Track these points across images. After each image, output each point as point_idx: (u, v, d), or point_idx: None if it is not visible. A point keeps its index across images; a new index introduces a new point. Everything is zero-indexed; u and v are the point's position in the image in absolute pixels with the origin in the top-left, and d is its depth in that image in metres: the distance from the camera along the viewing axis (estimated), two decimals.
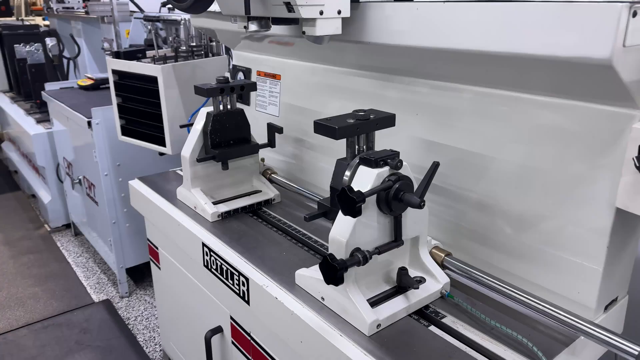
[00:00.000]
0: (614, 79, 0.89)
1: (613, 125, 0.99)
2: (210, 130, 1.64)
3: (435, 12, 1.12)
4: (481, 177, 1.29)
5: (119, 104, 2.34)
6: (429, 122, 1.38)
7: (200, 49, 2.34)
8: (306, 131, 1.85)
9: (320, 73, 1.73)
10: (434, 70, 1.32)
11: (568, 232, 1.13)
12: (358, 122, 1.13)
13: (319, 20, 1.15)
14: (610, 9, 0.82)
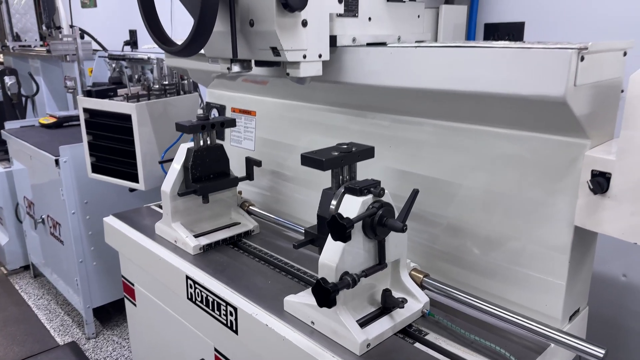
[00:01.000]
0: (567, 113, 1.03)
1: (568, 153, 1.13)
2: (191, 165, 1.69)
3: (408, 56, 1.25)
4: (450, 202, 1.41)
5: (90, 142, 2.35)
6: (401, 153, 1.49)
7: (172, 87, 2.40)
8: (281, 164, 1.93)
9: (295, 109, 1.83)
10: (404, 107, 1.45)
11: (532, 251, 1.25)
12: (342, 155, 1.23)
13: (302, 63, 1.25)
14: (562, 54, 0.96)
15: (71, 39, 3.34)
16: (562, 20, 1.72)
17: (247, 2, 1.21)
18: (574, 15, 1.69)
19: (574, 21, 1.70)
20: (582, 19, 1.68)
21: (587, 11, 1.66)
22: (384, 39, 1.49)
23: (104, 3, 4.45)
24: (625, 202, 1.01)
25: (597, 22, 1.65)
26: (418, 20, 1.62)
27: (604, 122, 1.16)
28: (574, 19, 1.70)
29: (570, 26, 1.71)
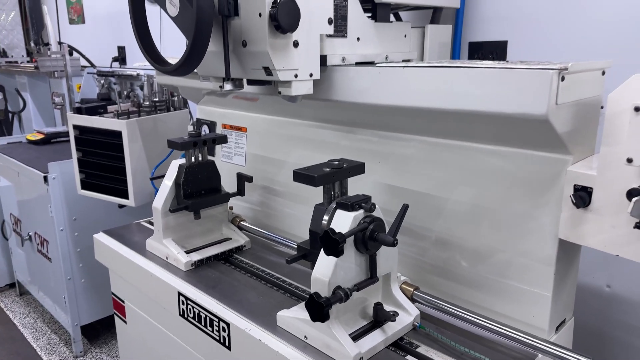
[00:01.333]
0: (550, 130, 1.07)
1: (551, 168, 1.17)
2: (183, 181, 1.71)
3: (396, 75, 1.29)
4: (438, 216, 1.44)
5: (79, 158, 2.35)
6: (390, 169, 1.53)
7: (162, 104, 2.42)
8: (271, 179, 1.95)
9: (285, 126, 1.86)
10: (393, 124, 1.48)
11: (519, 263, 1.29)
12: (333, 171, 1.25)
13: (293, 82, 1.28)
14: (544, 75, 1.00)
15: (59, 55, 3.34)
16: (544, 39, 1.79)
17: (239, 23, 1.24)
18: (555, 35, 1.76)
19: (555, 40, 1.76)
20: (563, 38, 1.74)
21: (567, 31, 1.73)
22: (372, 58, 1.53)
23: (93, 19, 4.47)
24: (607, 215, 1.05)
25: (577, 41, 1.71)
26: (405, 39, 1.66)
27: (585, 138, 1.20)
28: (555, 38, 1.76)
29: (551, 45, 1.77)
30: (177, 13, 1.24)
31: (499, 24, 1.88)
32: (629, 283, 1.73)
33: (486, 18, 1.92)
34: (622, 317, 1.77)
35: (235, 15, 1.24)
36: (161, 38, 3.56)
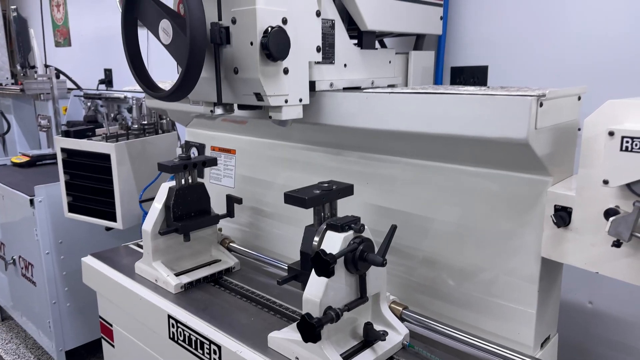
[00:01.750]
0: (530, 153, 1.12)
1: (532, 189, 1.22)
2: (173, 204, 1.72)
3: (382, 100, 1.33)
4: (425, 236, 1.48)
5: (67, 181, 2.35)
6: (378, 189, 1.57)
7: (151, 127, 2.44)
8: (260, 200, 1.98)
9: (274, 148, 1.89)
10: (379, 146, 1.53)
11: (504, 281, 1.33)
12: (323, 193, 1.29)
13: (284, 107, 1.32)
14: (523, 101, 1.06)
15: (46, 78, 3.35)
16: (522, 64, 1.86)
17: (231, 51, 1.28)
18: (533, 60, 1.83)
19: (533, 65, 1.84)
20: (540, 63, 1.82)
21: (544, 56, 1.81)
22: (359, 83, 1.58)
23: (79, 42, 4.49)
24: (586, 234, 1.10)
25: (554, 66, 1.79)
26: (389, 65, 1.72)
27: (564, 160, 1.26)
28: (533, 63, 1.84)
29: (530, 70, 1.84)
30: (170, 41, 1.27)
31: (479, 50, 1.96)
32: (610, 299, 1.78)
33: (467, 44, 1.99)
34: (604, 333, 1.81)
35: (226, 43, 1.28)
36: (148, 61, 3.59)
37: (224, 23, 1.28)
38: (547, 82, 1.81)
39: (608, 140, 0.96)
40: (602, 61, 1.68)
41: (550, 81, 1.80)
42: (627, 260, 1.05)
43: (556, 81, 1.79)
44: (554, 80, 1.79)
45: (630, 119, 0.99)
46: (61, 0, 4.54)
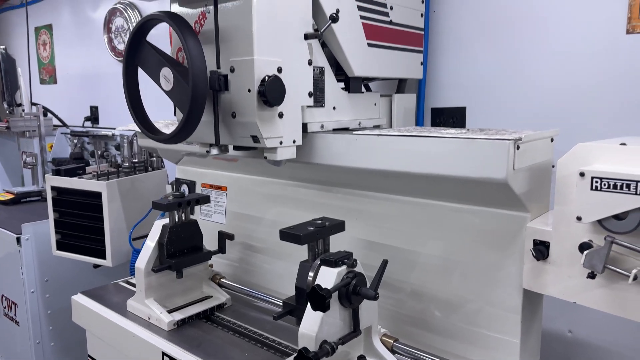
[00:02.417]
0: (509, 192, 1.21)
1: (512, 224, 1.31)
2: (167, 241, 1.76)
3: (370, 142, 1.42)
4: (413, 269, 1.55)
5: (56, 219, 2.36)
6: (366, 225, 1.64)
7: (141, 164, 2.48)
8: (250, 236, 2.03)
9: (265, 185, 1.96)
10: (368, 184, 1.61)
11: (488, 312, 1.40)
12: (317, 229, 1.35)
13: (279, 148, 1.40)
14: (502, 145, 1.15)
15: (33, 116, 3.38)
16: (497, 106, 1.99)
17: (229, 97, 1.36)
18: (508, 101, 1.96)
19: (508, 107, 1.96)
20: (515, 105, 1.95)
21: (518, 99, 1.94)
22: (347, 124, 1.68)
23: (65, 80, 4.54)
24: (563, 266, 1.18)
25: (527, 107, 1.92)
26: (375, 107, 1.82)
27: (540, 196, 1.36)
28: (508, 104, 1.96)
29: (504, 111, 1.97)
30: (171, 88, 1.35)
31: (457, 92, 2.08)
32: (588, 328, 1.86)
33: (446, 87, 2.12)
34: None
35: (225, 90, 1.36)
36: None
37: (223, 71, 1.36)
38: (521, 122, 1.93)
39: (579, 180, 1.06)
40: (570, 102, 1.81)
41: (524, 121, 1.93)
42: (601, 291, 1.13)
43: (529, 120, 1.91)
44: (527, 120, 1.92)
45: (598, 160, 1.09)
46: (47, 39, 4.61)
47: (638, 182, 0.98)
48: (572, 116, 1.81)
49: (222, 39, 1.36)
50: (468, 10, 2.02)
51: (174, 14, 1.33)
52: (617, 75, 1.70)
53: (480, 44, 2.01)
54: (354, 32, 1.61)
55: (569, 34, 1.79)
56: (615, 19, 1.68)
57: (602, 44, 1.72)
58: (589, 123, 1.78)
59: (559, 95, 1.84)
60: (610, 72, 1.72)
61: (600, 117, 1.76)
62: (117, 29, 3.69)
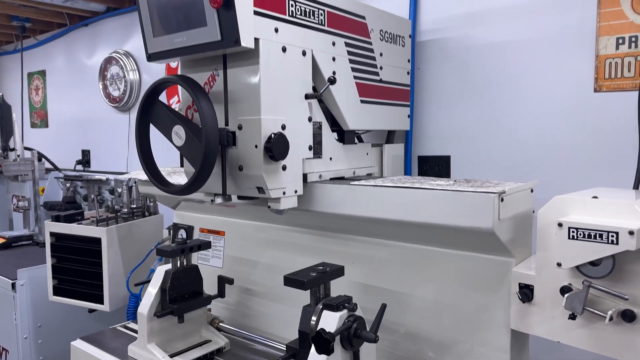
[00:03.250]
0: (495, 240, 1.33)
1: (498, 269, 1.42)
2: (169, 287, 1.82)
3: (367, 192, 1.54)
4: (406, 311, 1.64)
5: (53, 265, 2.39)
6: (362, 269, 1.73)
7: (139, 210, 2.55)
8: (248, 279, 2.10)
9: (264, 230, 2.04)
10: (362, 230, 1.72)
11: (479, 352, 1.49)
12: (319, 275, 1.44)
13: (282, 198, 1.50)
14: (487, 197, 1.28)
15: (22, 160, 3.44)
16: (480, 155, 2.14)
17: (236, 152, 1.47)
18: (490, 151, 2.11)
19: (490, 156, 2.12)
20: (494, 156, 2.10)
21: (499, 149, 2.09)
22: (343, 173, 1.80)
23: (57, 124, 4.61)
24: (547, 308, 1.29)
25: (507, 157, 2.07)
26: (367, 156, 1.96)
27: (524, 242, 1.48)
28: (490, 154, 2.12)
29: (486, 161, 2.12)
30: (183, 144, 1.45)
31: (443, 143, 2.24)
32: None
33: (431, 137, 2.27)
34: None
35: (233, 145, 1.47)
36: (129, 143, 3.75)
37: (231, 128, 1.48)
38: (501, 170, 2.08)
39: (558, 230, 1.18)
40: (544, 155, 1.97)
41: (505, 169, 2.07)
42: (582, 330, 1.24)
43: (509, 168, 2.06)
44: (507, 168, 2.07)
45: (574, 212, 1.22)
46: (40, 84, 4.71)
47: (609, 232, 1.10)
48: (547, 166, 1.97)
49: (231, 99, 1.48)
50: (450, 67, 2.20)
51: (187, 77, 1.45)
52: (587, 129, 1.87)
53: (461, 99, 2.18)
54: (348, 91, 1.76)
55: (542, 91, 1.97)
56: (583, 79, 1.86)
57: (572, 101, 1.89)
58: (562, 172, 1.93)
59: (535, 147, 2.00)
60: (580, 127, 1.88)
61: (572, 167, 1.91)
62: (112, 76, 3.81)
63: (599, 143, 1.85)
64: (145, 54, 1.55)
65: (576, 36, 1.86)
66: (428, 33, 2.25)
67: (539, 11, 1.95)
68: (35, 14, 4.07)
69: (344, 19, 1.71)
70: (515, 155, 2.05)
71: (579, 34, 1.86)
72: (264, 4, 1.39)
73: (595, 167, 1.86)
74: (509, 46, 2.04)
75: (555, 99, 1.94)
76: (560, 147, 1.93)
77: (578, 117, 1.89)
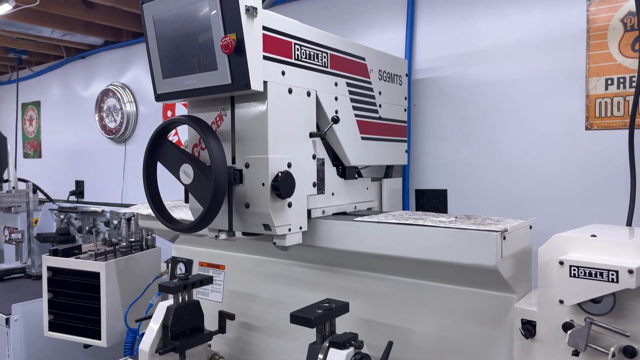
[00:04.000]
0: (498, 277, 1.37)
1: (501, 305, 1.45)
2: (171, 323, 1.82)
3: (371, 229, 1.57)
4: (409, 347, 1.65)
5: (50, 299, 2.37)
6: (365, 304, 1.75)
7: (137, 243, 2.55)
8: (248, 314, 2.09)
9: (264, 264, 2.06)
10: (365, 264, 1.74)
11: None
12: (325, 312, 1.46)
13: (288, 235, 1.53)
14: (490, 235, 1.32)
15: (22, 192, 3.42)
16: (476, 190, 2.19)
17: (243, 189, 1.50)
18: (485, 186, 2.17)
19: (486, 191, 2.17)
20: (491, 190, 2.15)
21: (494, 184, 2.15)
22: (344, 208, 1.83)
23: (50, 154, 4.60)
24: (550, 344, 1.32)
25: (503, 193, 2.12)
26: (367, 191, 2.00)
27: (523, 278, 1.51)
28: (485, 189, 2.17)
29: (483, 195, 2.17)
30: (191, 182, 1.48)
31: (439, 177, 2.29)
32: None
33: (428, 171, 2.33)
34: None
35: (240, 183, 1.50)
36: (124, 174, 3.76)
37: (238, 166, 1.51)
38: (497, 203, 2.13)
39: (559, 268, 1.22)
40: (538, 189, 2.03)
41: (500, 202, 2.13)
42: None
43: (504, 202, 2.11)
44: (503, 201, 2.12)
45: (573, 250, 1.26)
46: (34, 115, 4.72)
47: (609, 271, 1.14)
48: (541, 200, 2.02)
49: (238, 138, 1.52)
50: (445, 104, 2.27)
51: (196, 118, 1.49)
52: (579, 166, 1.93)
53: (456, 134, 2.24)
54: (350, 129, 1.81)
55: (536, 128, 2.04)
56: (575, 117, 1.93)
57: (564, 138, 1.97)
58: (556, 206, 1.99)
59: (528, 181, 2.06)
60: (572, 163, 1.95)
61: (565, 202, 1.97)
62: (109, 108, 3.84)
63: (591, 179, 1.91)
64: (153, 94, 1.58)
65: (567, 76, 1.95)
66: (423, 72, 2.33)
67: (530, 52, 2.04)
68: (32, 47, 4.11)
69: (345, 61, 1.77)
70: (510, 189, 2.11)
71: (570, 74, 1.94)
72: (272, 49, 1.45)
73: (588, 201, 1.92)
74: (502, 84, 2.12)
75: (548, 136, 2.01)
76: (553, 182, 2.00)
77: (570, 153, 1.95)
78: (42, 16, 3.28)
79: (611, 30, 1.83)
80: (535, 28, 2.02)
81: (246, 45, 1.33)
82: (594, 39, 1.86)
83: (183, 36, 1.44)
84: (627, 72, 1.80)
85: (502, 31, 2.11)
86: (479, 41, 2.17)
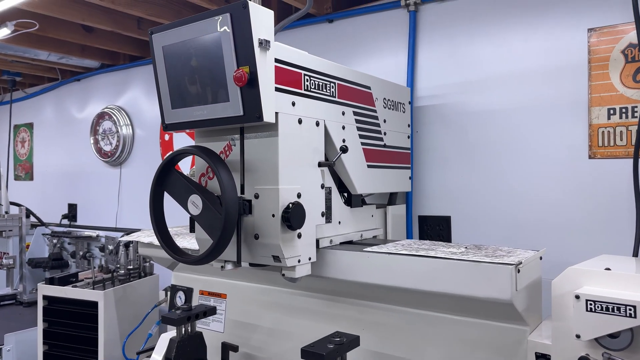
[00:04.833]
0: (512, 309, 1.35)
1: (514, 337, 1.43)
2: (174, 356, 1.77)
3: (381, 260, 1.56)
4: None
5: (45, 329, 2.31)
6: (373, 335, 1.72)
7: (135, 271, 2.50)
8: (250, 344, 2.05)
9: (268, 293, 2.02)
10: (372, 295, 1.72)
11: None
12: (337, 347, 1.43)
13: (297, 266, 1.50)
14: (506, 268, 1.31)
15: (15, 217, 3.36)
16: (479, 216, 2.19)
17: (252, 220, 1.48)
18: (489, 213, 2.17)
19: (487, 217, 2.17)
20: (495, 217, 2.16)
21: (499, 211, 2.15)
22: (351, 237, 1.82)
23: (42, 177, 4.54)
24: None
25: (507, 220, 2.13)
26: (372, 218, 1.99)
27: (535, 309, 1.50)
28: (487, 216, 2.17)
29: (485, 221, 2.17)
30: (199, 213, 1.46)
31: (442, 203, 2.29)
32: None
33: (431, 197, 2.33)
34: None
35: (249, 214, 1.48)
36: (119, 198, 3.71)
37: (247, 196, 1.49)
38: (500, 230, 2.13)
39: (575, 302, 1.21)
40: (542, 217, 2.04)
41: (503, 229, 2.13)
42: None
43: (507, 229, 2.12)
44: (506, 228, 2.12)
45: (587, 283, 1.26)
46: (27, 137, 4.66)
47: (627, 306, 1.14)
48: (545, 227, 2.03)
49: (247, 168, 1.51)
50: (447, 131, 2.29)
51: (205, 148, 1.47)
52: (583, 194, 1.95)
53: (459, 160, 2.25)
54: (357, 157, 1.80)
55: (539, 156, 2.05)
56: (578, 146, 1.95)
57: (568, 167, 1.98)
58: (560, 233, 1.99)
59: (532, 208, 2.07)
60: (576, 191, 1.97)
61: (569, 229, 1.98)
62: (104, 131, 3.81)
63: (595, 207, 1.92)
64: (161, 123, 1.57)
65: (569, 105, 1.98)
66: (425, 99, 2.35)
67: (531, 81, 2.07)
68: (26, 69, 4.09)
69: (352, 90, 1.78)
70: (513, 216, 2.11)
71: (572, 103, 1.97)
72: (283, 80, 1.45)
73: (592, 229, 1.93)
74: (504, 113, 2.14)
75: (551, 164, 2.02)
76: (557, 210, 2.00)
77: (574, 181, 1.97)
78: (40, 40, 3.27)
79: (612, 61, 1.86)
80: (537, 57, 2.05)
81: (259, 78, 1.33)
82: (595, 69, 1.89)
83: (194, 67, 1.43)
84: (629, 102, 1.83)
85: (504, 60, 2.14)
86: (480, 69, 2.19)
